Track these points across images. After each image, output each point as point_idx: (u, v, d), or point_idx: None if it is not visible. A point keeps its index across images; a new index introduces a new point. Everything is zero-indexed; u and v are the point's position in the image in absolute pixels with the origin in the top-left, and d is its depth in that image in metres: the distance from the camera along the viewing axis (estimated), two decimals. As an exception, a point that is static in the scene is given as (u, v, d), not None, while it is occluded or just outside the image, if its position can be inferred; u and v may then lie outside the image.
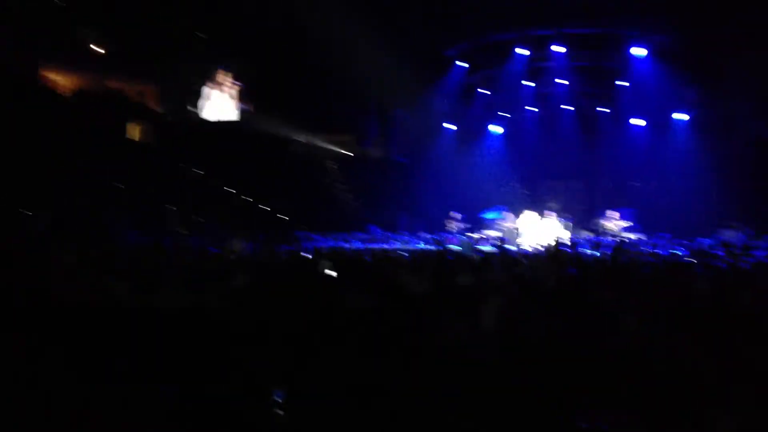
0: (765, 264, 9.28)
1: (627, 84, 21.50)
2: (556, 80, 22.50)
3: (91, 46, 23.79)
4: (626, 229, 19.15)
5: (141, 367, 3.06)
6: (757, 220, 17.68)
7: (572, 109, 23.49)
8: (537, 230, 19.13)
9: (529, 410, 2.76)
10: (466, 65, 22.72)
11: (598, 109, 23.40)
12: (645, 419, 2.68)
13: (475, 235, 19.35)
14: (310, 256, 11.25)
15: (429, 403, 2.70)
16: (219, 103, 25.41)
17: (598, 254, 13.35)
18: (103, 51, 24.02)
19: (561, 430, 2.63)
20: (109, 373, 3.01)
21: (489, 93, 23.93)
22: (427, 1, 19.52)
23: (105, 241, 13.22)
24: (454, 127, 24.91)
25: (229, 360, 3.17)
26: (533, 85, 23.11)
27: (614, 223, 19.36)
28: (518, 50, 21.49)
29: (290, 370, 3.04)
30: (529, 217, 20.21)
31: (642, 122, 22.51)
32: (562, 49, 20.98)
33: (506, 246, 15.57)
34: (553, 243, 11.37)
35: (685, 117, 21.47)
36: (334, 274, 6.55)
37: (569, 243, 16.38)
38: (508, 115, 24.87)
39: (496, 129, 25.04)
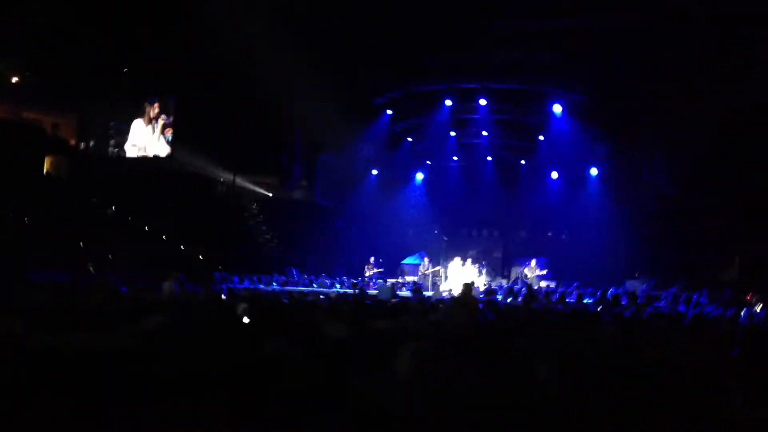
0: (665, 314, 9.75)
1: (544, 138, 22.40)
2: (479, 132, 23.22)
3: (8, 75, 22.99)
4: (539, 278, 19.75)
5: (48, 413, 2.95)
6: (660, 271, 18.61)
7: (492, 159, 24.27)
8: (455, 276, 19.50)
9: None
10: (393, 113, 23.14)
11: (516, 160, 24.28)
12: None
13: (394, 280, 19.52)
14: (227, 298, 11.07)
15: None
16: (139, 140, 24.83)
17: (511, 301, 13.70)
18: (17, 79, 23.23)
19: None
20: (12, 421, 2.89)
21: (414, 141, 24.42)
22: (356, 49, 19.86)
23: (10, 279, 12.60)
24: (378, 173, 25.23)
25: (140, 405, 3.10)
26: (456, 135, 23.76)
27: (529, 270, 19.94)
28: (444, 101, 22.08)
29: (203, 416, 2.99)
30: (447, 263, 20.62)
31: (556, 175, 23.45)
32: (485, 102, 21.70)
33: (423, 291, 15.77)
34: (466, 289, 11.60)
35: (596, 171, 22.51)
36: (247, 319, 6.47)
37: (485, 289, 16.76)
38: (432, 164, 25.43)
39: (419, 176, 25.53)
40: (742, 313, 10.71)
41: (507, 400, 3.41)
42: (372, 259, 20.36)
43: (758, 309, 11.82)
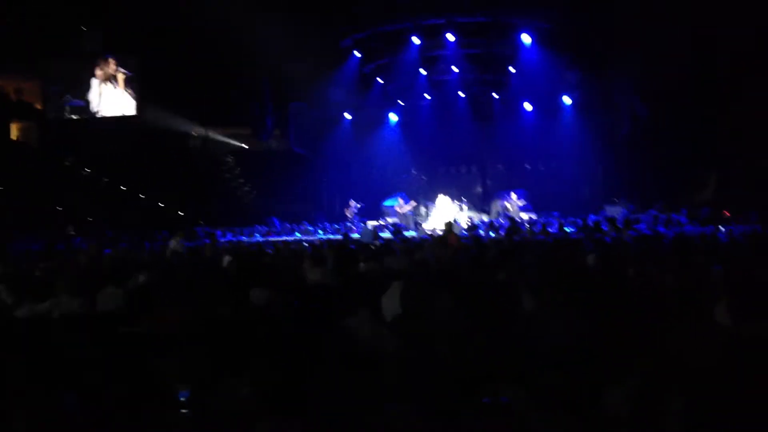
0: (646, 236, 9.90)
1: (515, 70, 22.18)
2: (449, 68, 22.92)
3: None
4: (521, 208, 19.88)
5: (39, 377, 2.94)
6: (638, 194, 18.83)
7: (464, 95, 24.05)
8: (436, 215, 19.58)
9: (433, 392, 2.85)
10: (361, 55, 22.73)
11: (489, 95, 24.09)
12: (544, 391, 2.82)
13: (376, 223, 19.55)
14: (210, 252, 11.04)
15: (338, 395, 2.74)
16: (107, 97, 24.23)
17: (494, 235, 13.82)
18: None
19: (464, 406, 2.73)
20: (5, 384, 2.88)
21: (385, 82, 24.08)
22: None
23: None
24: (352, 117, 24.96)
25: (132, 363, 3.10)
26: (427, 73, 23.46)
27: (509, 204, 20.04)
28: (411, 39, 21.69)
29: (196, 370, 3.00)
30: (427, 202, 20.68)
31: (530, 106, 23.35)
32: (453, 38, 21.36)
33: (404, 232, 15.83)
34: (447, 227, 11.65)
35: (569, 100, 22.43)
36: (233, 268, 6.47)
37: (467, 226, 16.87)
38: (404, 104, 25.16)
39: (392, 117, 25.30)
40: (721, 230, 10.90)
41: (494, 332, 3.45)
42: (351, 201, 20.34)
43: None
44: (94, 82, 23.98)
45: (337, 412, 2.56)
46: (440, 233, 13.59)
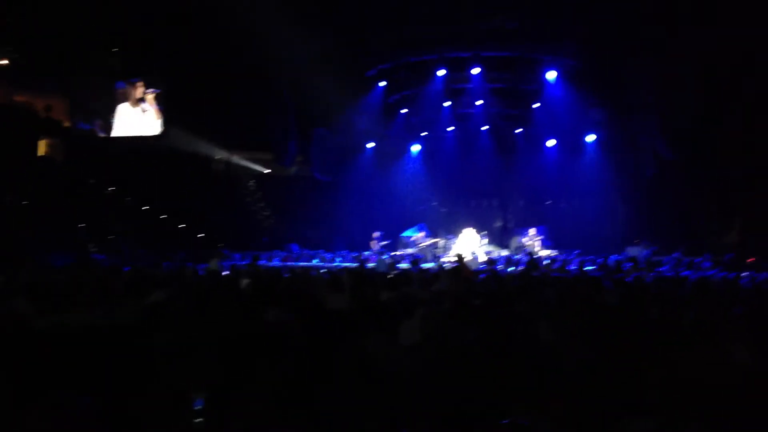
0: (667, 278, 9.78)
1: (540, 106, 22.25)
2: (473, 101, 23.03)
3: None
4: (539, 246, 19.77)
5: (56, 384, 2.96)
6: (661, 236, 18.63)
7: (488, 129, 24.12)
8: (455, 247, 19.52)
9: (449, 413, 2.83)
10: (386, 86, 22.92)
11: (512, 129, 24.14)
12: (561, 416, 2.79)
13: (395, 252, 19.52)
14: (229, 274, 11.07)
15: (352, 411, 2.73)
16: (133, 118, 24.60)
17: (512, 270, 13.73)
18: (6, 62, 22.92)
19: (481, 427, 2.71)
20: (22, 393, 2.90)
21: (409, 113, 24.24)
22: (348, 21, 19.65)
23: (16, 261, 12.61)
24: (375, 146, 25.10)
25: (150, 375, 3.11)
26: (451, 105, 23.59)
27: (529, 239, 19.95)
28: (437, 72, 21.88)
29: (211, 385, 3.00)
30: (447, 235, 20.65)
31: (553, 143, 23.35)
32: (479, 71, 21.50)
33: (422, 263, 15.79)
34: (458, 259, 11.63)
35: (593, 138, 22.40)
36: (250, 290, 6.48)
37: (486, 259, 16.79)
38: (428, 135, 25.27)
39: (415, 148, 25.40)
40: (743, 276, 10.74)
41: (511, 361, 3.43)
42: (374, 234, 20.35)
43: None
44: (118, 108, 24.32)
45: (350, 428, 2.54)
46: (456, 264, 13.54)
